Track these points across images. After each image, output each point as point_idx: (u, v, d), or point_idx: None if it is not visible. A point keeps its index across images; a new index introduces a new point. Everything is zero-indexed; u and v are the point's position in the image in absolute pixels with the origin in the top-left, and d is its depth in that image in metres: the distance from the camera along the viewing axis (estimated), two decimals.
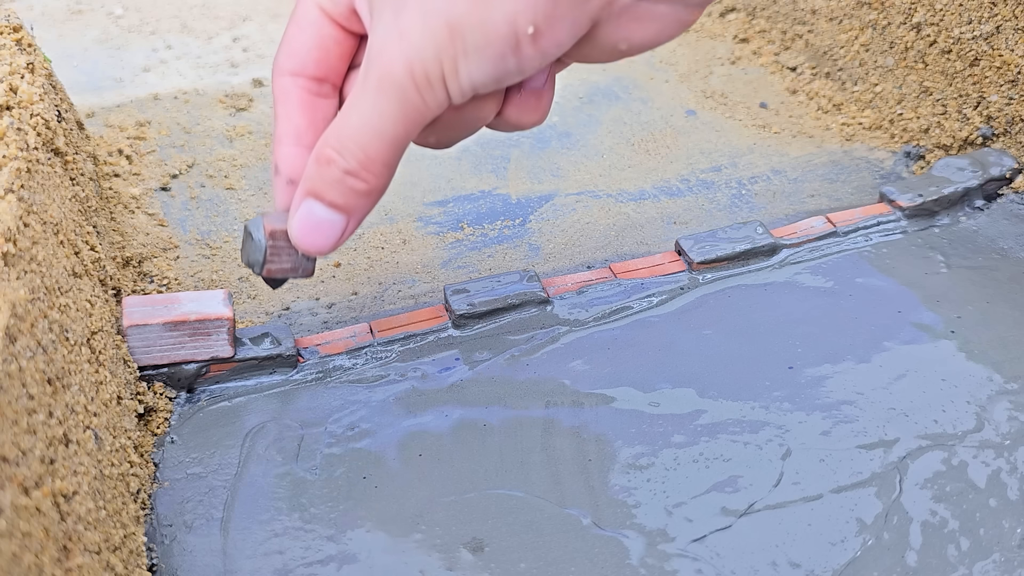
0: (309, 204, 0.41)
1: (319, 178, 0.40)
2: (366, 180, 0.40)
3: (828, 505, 0.42)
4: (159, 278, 0.53)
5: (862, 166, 0.64)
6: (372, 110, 0.38)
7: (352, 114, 0.39)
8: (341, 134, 0.39)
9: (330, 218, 0.41)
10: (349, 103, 0.39)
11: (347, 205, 0.41)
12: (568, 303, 0.52)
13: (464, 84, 0.38)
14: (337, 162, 0.40)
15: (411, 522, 0.41)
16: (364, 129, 0.39)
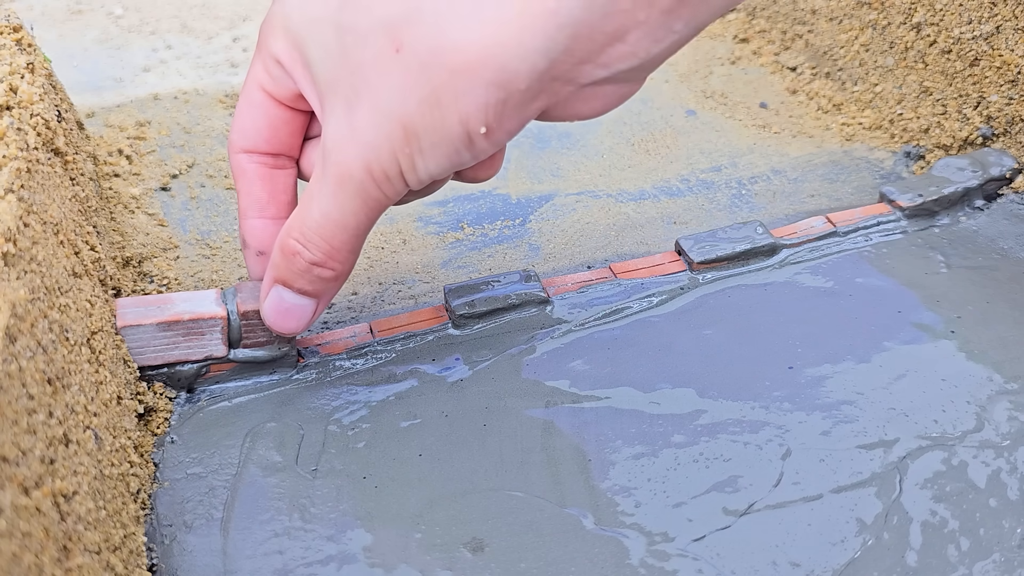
0: (278, 291, 0.43)
1: (286, 268, 0.42)
2: (332, 268, 0.42)
3: (828, 505, 0.42)
4: (159, 278, 0.53)
5: (862, 166, 0.64)
6: (332, 204, 0.39)
7: (313, 208, 0.40)
8: (304, 227, 0.40)
9: (300, 303, 0.43)
10: (308, 195, 0.40)
11: (315, 291, 0.43)
12: (568, 303, 0.52)
13: (422, 176, 0.39)
14: (302, 254, 0.41)
15: (411, 522, 0.41)
16: (326, 222, 0.40)
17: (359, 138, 0.38)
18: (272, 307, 0.43)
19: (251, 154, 0.44)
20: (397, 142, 0.38)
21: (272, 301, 0.43)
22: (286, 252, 0.41)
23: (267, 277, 0.43)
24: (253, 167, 0.44)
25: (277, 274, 0.42)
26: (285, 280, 0.42)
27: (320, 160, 0.40)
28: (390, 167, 0.38)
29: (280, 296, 0.43)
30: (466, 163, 0.39)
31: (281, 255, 0.42)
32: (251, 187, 0.44)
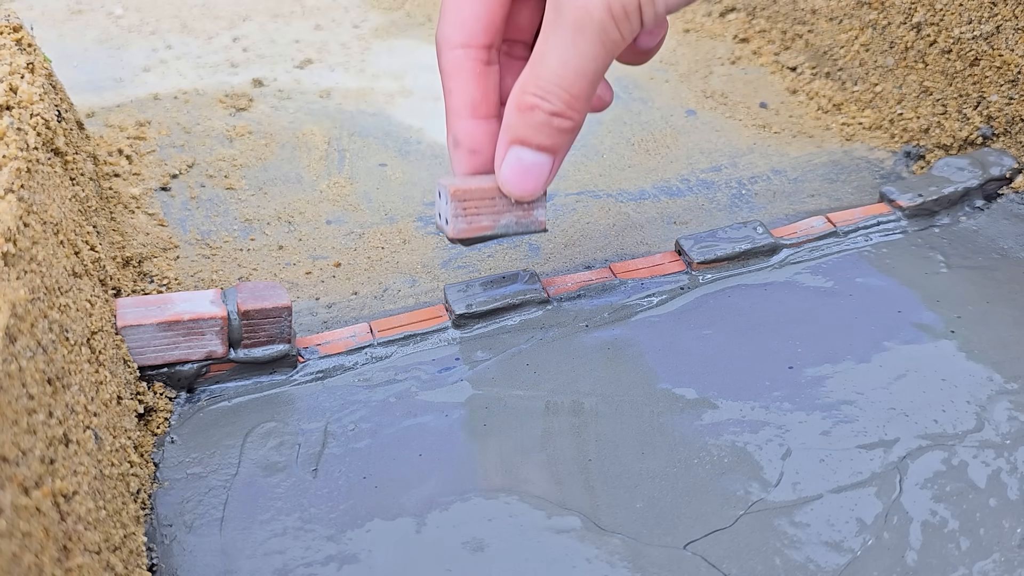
0: (516, 151, 0.43)
1: (523, 125, 0.42)
2: (571, 118, 0.42)
3: (828, 505, 0.42)
4: (159, 278, 0.53)
5: (862, 166, 0.64)
6: (572, 50, 0.40)
7: (550, 58, 0.41)
8: (540, 79, 0.41)
9: (539, 160, 0.43)
10: (542, 49, 0.41)
11: (554, 145, 0.43)
12: (568, 303, 0.52)
13: (659, 10, 0.40)
14: (541, 106, 0.41)
15: (411, 522, 0.41)
16: (565, 71, 0.41)
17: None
18: (511, 170, 0.43)
19: (468, 49, 0.44)
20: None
21: (510, 164, 0.43)
22: (523, 108, 0.42)
23: (501, 143, 0.44)
24: (469, 64, 0.45)
25: (513, 134, 0.43)
26: (523, 138, 0.43)
27: (552, 13, 0.40)
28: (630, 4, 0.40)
29: (518, 157, 0.43)
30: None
31: (518, 113, 0.42)
32: (465, 86, 0.45)
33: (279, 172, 0.63)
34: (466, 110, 0.45)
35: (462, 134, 0.45)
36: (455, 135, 0.46)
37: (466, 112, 0.45)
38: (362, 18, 0.80)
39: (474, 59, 0.45)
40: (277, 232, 0.58)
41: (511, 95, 0.43)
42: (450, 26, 0.45)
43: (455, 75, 0.45)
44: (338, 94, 0.70)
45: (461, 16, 0.44)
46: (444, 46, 0.45)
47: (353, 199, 0.61)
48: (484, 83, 0.45)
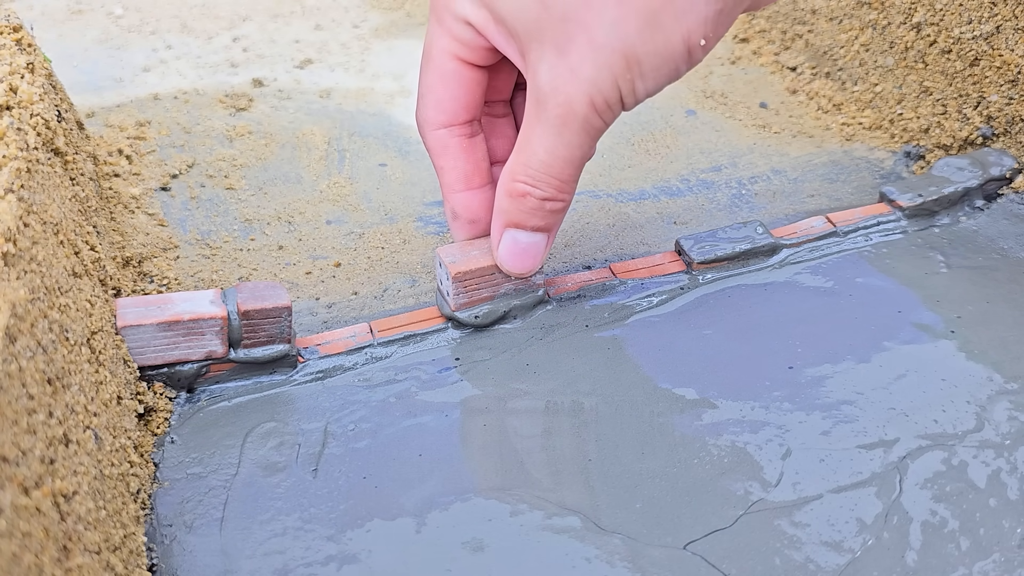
0: (511, 234, 0.46)
1: (517, 210, 0.45)
2: (562, 199, 0.45)
3: (828, 505, 0.42)
4: (159, 278, 0.53)
5: (862, 166, 0.64)
6: (558, 142, 0.42)
7: (537, 149, 0.43)
8: (530, 168, 0.43)
9: (534, 240, 0.46)
10: (528, 138, 0.43)
11: (547, 225, 0.46)
12: (568, 303, 0.52)
13: (640, 98, 0.42)
14: (533, 193, 0.44)
15: (411, 522, 0.41)
16: (554, 160, 0.43)
17: (579, 76, 0.40)
18: (508, 251, 0.46)
19: (452, 128, 0.46)
20: (619, 71, 0.40)
21: (507, 246, 0.46)
22: (515, 195, 0.44)
23: (496, 227, 0.46)
24: (455, 141, 0.47)
25: (508, 219, 0.45)
26: (517, 222, 0.45)
27: (534, 105, 0.42)
28: (611, 96, 0.41)
29: (514, 239, 0.46)
30: (679, 76, 0.42)
31: (510, 200, 0.44)
32: (456, 162, 0.47)
33: (279, 172, 0.63)
34: (460, 184, 0.47)
35: (460, 207, 0.48)
36: (452, 208, 0.48)
37: (460, 186, 0.47)
38: (362, 18, 0.80)
39: (459, 135, 0.47)
40: (277, 232, 0.58)
41: (501, 181, 0.45)
42: (429, 109, 0.46)
43: (443, 154, 0.47)
44: (338, 94, 0.70)
45: (438, 97, 0.46)
46: (426, 127, 0.47)
47: (353, 199, 0.61)
48: (473, 155, 0.47)
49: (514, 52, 0.43)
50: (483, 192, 0.48)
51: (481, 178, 0.48)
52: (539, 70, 0.41)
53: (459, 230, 0.49)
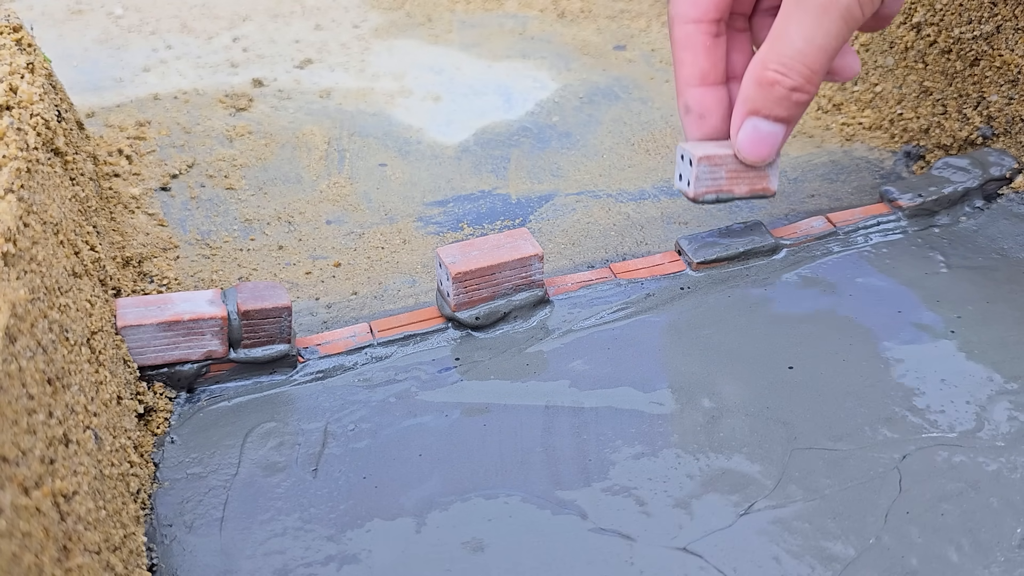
0: (753, 122, 0.48)
1: (762, 98, 0.47)
2: (809, 91, 0.46)
3: (828, 505, 0.42)
4: (159, 278, 0.53)
5: (862, 166, 0.64)
6: (817, 30, 0.44)
7: (793, 36, 0.45)
8: (783, 55, 0.45)
9: (774, 130, 0.48)
10: (784, 27, 0.45)
11: (790, 115, 0.47)
12: (568, 303, 0.52)
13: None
14: (782, 82, 0.46)
15: (411, 522, 0.41)
16: (809, 48, 0.45)
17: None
18: (748, 138, 0.48)
19: (699, 23, 0.49)
20: None
21: (747, 133, 0.48)
22: (764, 83, 0.46)
23: (738, 113, 0.48)
24: (701, 38, 0.49)
25: (752, 106, 0.47)
26: (760, 110, 0.47)
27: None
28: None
29: (755, 126, 0.48)
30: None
31: (757, 87, 0.46)
32: (696, 57, 0.49)
33: (279, 172, 0.63)
34: (696, 79, 0.50)
35: (693, 101, 0.50)
36: (686, 102, 0.50)
37: (696, 81, 0.50)
38: (362, 18, 0.80)
39: (704, 32, 0.49)
40: (277, 232, 0.58)
41: (750, 69, 0.47)
42: (684, 3, 0.49)
43: (687, 47, 0.49)
44: (338, 94, 0.70)
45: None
46: (677, 20, 0.49)
47: (353, 199, 0.61)
48: (713, 54, 0.49)
49: None
50: (716, 90, 0.50)
51: (716, 76, 0.50)
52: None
53: (690, 124, 0.51)
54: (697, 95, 0.50)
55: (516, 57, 0.75)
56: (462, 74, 0.73)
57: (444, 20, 0.80)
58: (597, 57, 0.75)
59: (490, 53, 0.75)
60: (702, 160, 0.49)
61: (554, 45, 0.76)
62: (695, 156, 0.49)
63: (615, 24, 0.79)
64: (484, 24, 0.79)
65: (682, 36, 0.50)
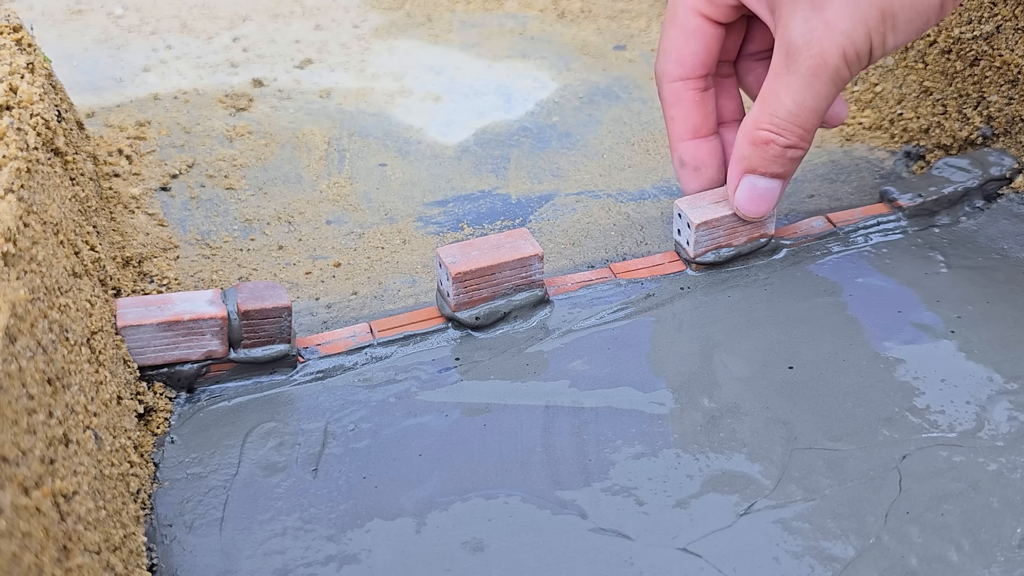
0: (750, 180, 0.49)
1: (759, 157, 0.48)
2: (804, 148, 0.48)
3: (828, 505, 0.42)
4: (159, 278, 0.53)
5: (862, 166, 0.64)
6: (807, 93, 0.46)
7: (785, 99, 0.46)
8: (776, 116, 0.47)
9: (771, 186, 0.50)
10: (774, 89, 0.47)
11: (785, 172, 0.49)
12: (568, 303, 0.52)
13: (888, 50, 0.45)
14: (777, 141, 0.47)
15: (411, 522, 0.41)
16: (800, 109, 0.46)
17: (834, 28, 0.44)
18: (746, 196, 0.50)
19: (686, 81, 0.50)
20: (873, 24, 0.44)
21: (744, 191, 0.49)
22: (758, 143, 0.48)
23: (734, 172, 0.49)
24: (689, 94, 0.51)
25: (747, 165, 0.49)
26: (756, 168, 0.49)
27: (783, 58, 0.46)
28: (863, 48, 0.44)
29: (752, 184, 0.49)
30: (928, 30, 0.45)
31: (752, 147, 0.48)
32: (687, 113, 0.51)
33: (279, 172, 0.63)
34: (688, 134, 0.52)
35: (687, 155, 0.52)
36: (680, 157, 0.52)
37: (688, 135, 0.52)
38: (362, 18, 0.80)
39: (692, 89, 0.51)
40: (277, 232, 0.58)
41: (742, 129, 0.48)
42: (670, 62, 0.50)
43: (676, 104, 0.51)
44: (338, 94, 0.70)
45: (680, 53, 0.50)
46: (664, 79, 0.51)
47: (353, 199, 0.61)
48: (703, 108, 0.51)
49: (762, 8, 0.47)
50: (709, 141, 0.52)
51: (708, 128, 0.52)
52: (791, 24, 0.45)
53: (686, 177, 0.53)
54: (691, 149, 0.52)
55: (516, 57, 0.75)
56: (462, 74, 0.73)
57: (444, 20, 0.80)
58: (597, 57, 0.75)
59: (490, 53, 0.75)
60: (700, 227, 0.51)
61: (554, 45, 0.76)
62: (693, 222, 0.51)
63: (615, 24, 0.79)
64: (484, 24, 0.79)
65: (670, 94, 0.51)
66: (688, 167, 0.52)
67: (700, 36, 0.50)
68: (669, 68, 0.51)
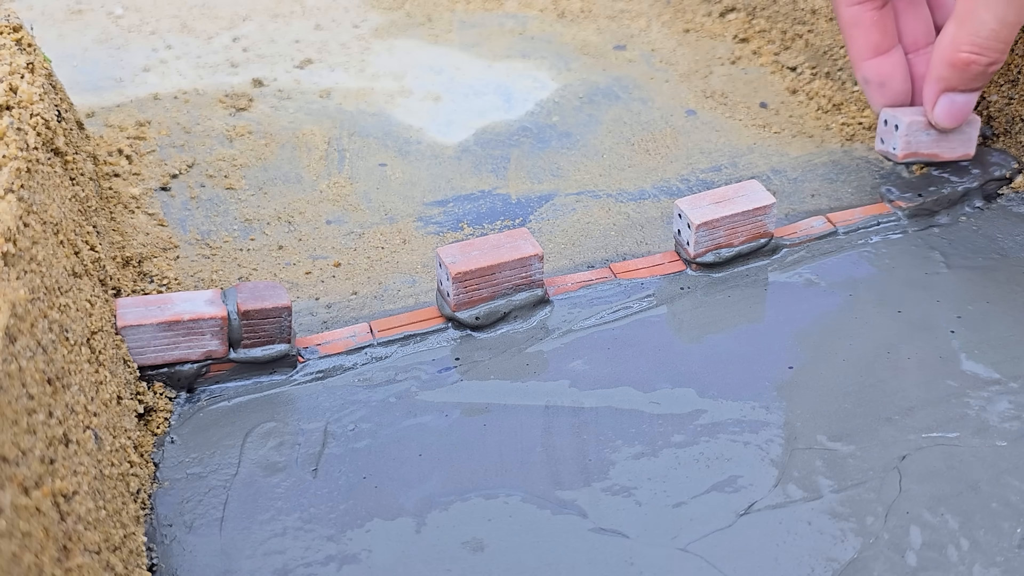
0: (949, 97, 0.52)
1: (958, 76, 0.51)
2: (1002, 61, 0.51)
3: (828, 505, 0.42)
4: (159, 278, 0.53)
5: (862, 166, 0.64)
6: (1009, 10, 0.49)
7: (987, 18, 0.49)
8: (977, 35, 0.49)
9: (969, 99, 0.53)
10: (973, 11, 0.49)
11: (981, 86, 0.52)
12: (568, 303, 0.52)
13: None
14: (979, 60, 0.50)
15: (411, 522, 0.41)
16: (1002, 26, 0.49)
17: None
18: (945, 111, 0.53)
19: (863, 4, 0.54)
20: None
21: (944, 106, 0.53)
22: (958, 64, 0.50)
23: (931, 92, 0.53)
24: (868, 15, 0.54)
25: (947, 85, 0.52)
26: (957, 87, 0.52)
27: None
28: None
29: (952, 100, 0.52)
30: None
31: (952, 68, 0.51)
32: (867, 32, 0.54)
33: (279, 172, 0.63)
34: (869, 52, 0.54)
35: (870, 72, 0.55)
36: (864, 75, 0.55)
37: (870, 53, 0.55)
38: (362, 18, 0.80)
39: (870, 9, 0.54)
40: (277, 232, 0.58)
41: (940, 51, 0.51)
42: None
43: (855, 25, 0.54)
44: (338, 94, 0.70)
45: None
46: (842, 3, 0.54)
47: (353, 199, 0.61)
48: (882, 25, 0.54)
49: None
50: (891, 56, 0.55)
51: (889, 43, 0.54)
52: None
53: (872, 94, 0.56)
54: (874, 66, 0.55)
55: (516, 57, 0.75)
56: (462, 74, 0.73)
57: (444, 20, 0.80)
58: (597, 57, 0.75)
59: (490, 53, 0.75)
60: (700, 227, 0.52)
61: (554, 45, 0.76)
62: (693, 223, 0.52)
63: (615, 24, 0.79)
64: (484, 24, 0.79)
65: (848, 16, 0.54)
66: (873, 83, 0.55)
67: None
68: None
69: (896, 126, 0.55)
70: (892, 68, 0.55)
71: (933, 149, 0.56)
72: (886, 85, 0.55)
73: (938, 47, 0.51)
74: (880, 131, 0.57)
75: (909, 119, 0.55)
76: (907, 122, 0.54)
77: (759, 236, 0.54)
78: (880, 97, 0.56)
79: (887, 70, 0.55)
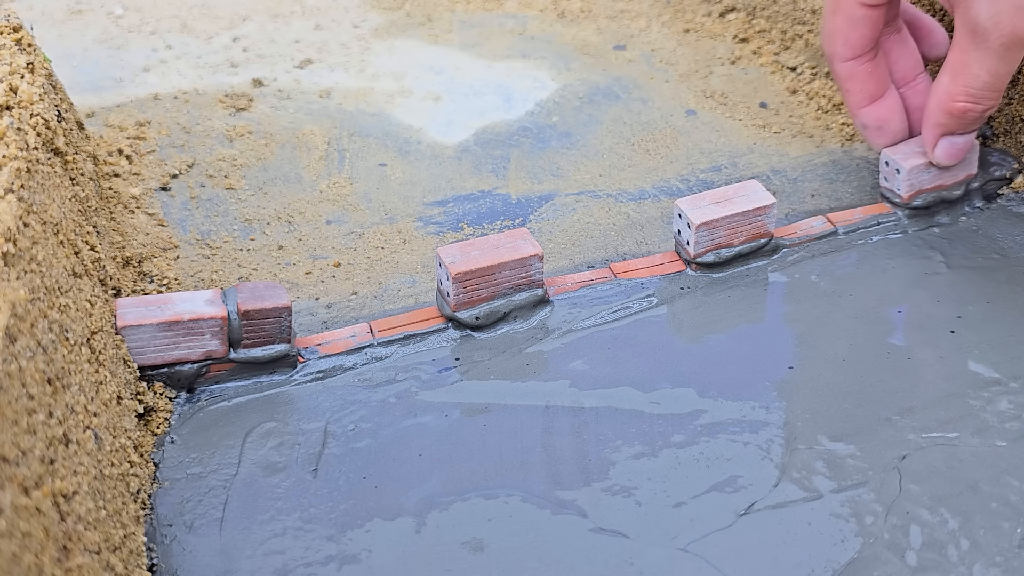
0: (948, 140, 0.54)
1: (957, 123, 0.54)
2: (996, 106, 0.53)
3: (828, 505, 0.42)
4: (159, 278, 0.53)
5: (862, 166, 0.64)
6: (1000, 64, 0.51)
7: (980, 72, 0.51)
8: (972, 87, 0.52)
9: (967, 139, 0.55)
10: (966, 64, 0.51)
11: (977, 127, 0.55)
12: (568, 303, 0.52)
13: None
14: (975, 109, 0.53)
15: (411, 522, 0.41)
16: (995, 79, 0.51)
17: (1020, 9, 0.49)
18: (946, 153, 0.55)
19: (857, 60, 0.56)
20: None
21: (943, 149, 0.55)
22: (956, 112, 0.53)
23: (930, 134, 0.54)
24: (861, 68, 0.56)
25: (946, 130, 0.54)
26: (955, 131, 0.54)
27: (970, 36, 0.51)
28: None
29: (951, 143, 0.54)
30: None
31: (950, 116, 0.53)
32: (862, 84, 0.56)
33: (279, 172, 0.63)
34: (866, 100, 0.57)
35: (869, 119, 0.57)
36: (862, 121, 0.57)
37: (866, 102, 0.57)
38: (362, 18, 0.80)
39: (864, 63, 0.56)
40: (277, 232, 0.58)
41: (937, 100, 0.53)
42: (839, 45, 0.55)
43: (850, 79, 0.56)
44: (338, 94, 0.70)
45: (847, 37, 0.55)
46: (835, 59, 0.56)
47: (353, 199, 0.61)
48: (876, 75, 0.56)
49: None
50: (886, 100, 0.57)
51: (883, 89, 0.57)
52: (978, 7, 0.49)
53: (872, 137, 0.58)
54: (871, 112, 0.57)
55: (516, 57, 0.75)
56: (462, 74, 0.73)
57: (444, 20, 0.80)
58: (597, 57, 0.75)
59: (490, 53, 0.75)
60: (700, 227, 0.53)
61: (554, 45, 0.76)
62: (693, 223, 0.53)
63: (615, 24, 0.79)
64: (484, 24, 0.79)
65: (844, 71, 0.56)
66: (871, 128, 0.57)
67: (866, 21, 0.54)
68: (839, 50, 0.55)
69: (897, 170, 0.56)
70: (889, 112, 0.57)
71: (936, 182, 0.57)
72: (884, 128, 0.57)
73: (934, 95, 0.53)
74: (883, 170, 0.57)
75: (910, 164, 0.56)
76: (908, 168, 0.55)
77: (759, 236, 0.54)
78: (880, 139, 0.57)
79: (884, 114, 0.57)
